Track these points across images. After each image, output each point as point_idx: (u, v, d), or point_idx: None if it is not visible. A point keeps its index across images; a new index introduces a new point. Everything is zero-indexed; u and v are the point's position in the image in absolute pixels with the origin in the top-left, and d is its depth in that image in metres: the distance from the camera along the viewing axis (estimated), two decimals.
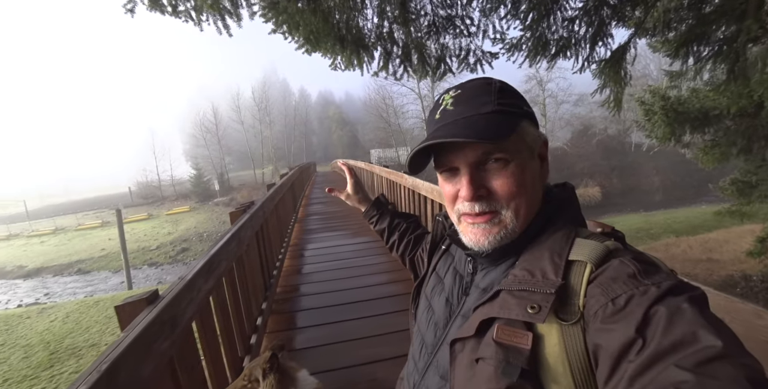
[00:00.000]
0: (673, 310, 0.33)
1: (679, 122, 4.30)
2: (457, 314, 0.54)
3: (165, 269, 17.21)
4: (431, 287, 0.64)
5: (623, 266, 0.40)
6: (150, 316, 0.83)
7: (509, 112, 0.49)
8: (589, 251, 0.43)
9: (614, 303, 0.36)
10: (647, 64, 28.55)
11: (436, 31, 2.64)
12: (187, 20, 2.37)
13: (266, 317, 2.36)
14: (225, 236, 1.70)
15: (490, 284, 0.51)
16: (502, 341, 0.41)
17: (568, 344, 0.38)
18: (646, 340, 0.33)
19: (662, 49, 2.88)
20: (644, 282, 0.37)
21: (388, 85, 31.45)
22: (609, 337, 0.35)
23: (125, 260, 12.59)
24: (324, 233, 4.97)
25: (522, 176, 0.48)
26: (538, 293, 0.41)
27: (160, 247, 20.29)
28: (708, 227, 10.57)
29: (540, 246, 0.47)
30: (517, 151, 0.48)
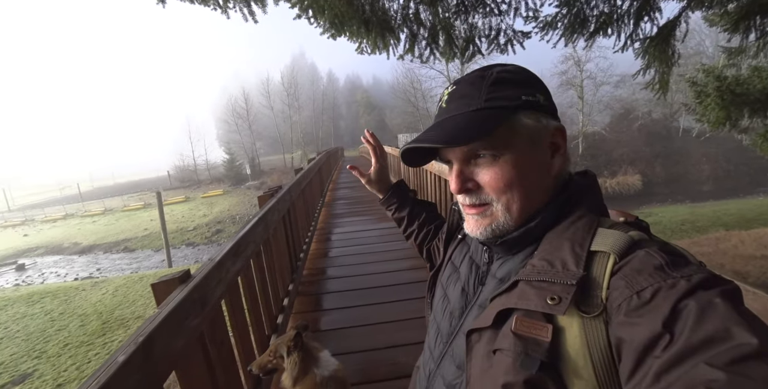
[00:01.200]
0: (704, 304, 0.32)
1: (736, 105, 3.88)
2: (473, 304, 0.53)
3: (201, 249, 18.28)
4: (447, 277, 0.63)
5: (650, 257, 0.38)
6: (182, 294, 0.89)
7: (498, 106, 0.47)
8: (613, 241, 0.41)
9: (639, 296, 0.35)
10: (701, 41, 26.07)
11: (464, 10, 2.50)
12: (215, 8, 2.40)
13: (293, 298, 2.46)
14: (252, 220, 1.77)
15: (507, 275, 0.50)
16: (520, 332, 0.40)
17: (590, 337, 0.37)
18: (674, 335, 0.31)
19: (720, 23, 2.58)
20: (672, 275, 0.35)
21: (416, 69, 30.79)
22: (633, 331, 0.34)
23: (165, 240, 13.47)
24: (350, 218, 5.04)
25: (512, 171, 0.47)
26: (558, 284, 0.40)
27: (197, 228, 21.51)
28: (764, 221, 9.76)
29: (560, 236, 0.45)
30: (507, 145, 0.47)
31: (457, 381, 0.51)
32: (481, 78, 0.49)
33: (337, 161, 14.59)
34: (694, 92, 4.30)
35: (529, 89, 0.48)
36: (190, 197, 30.92)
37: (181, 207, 27.08)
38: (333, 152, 12.21)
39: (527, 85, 0.48)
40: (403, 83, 33.35)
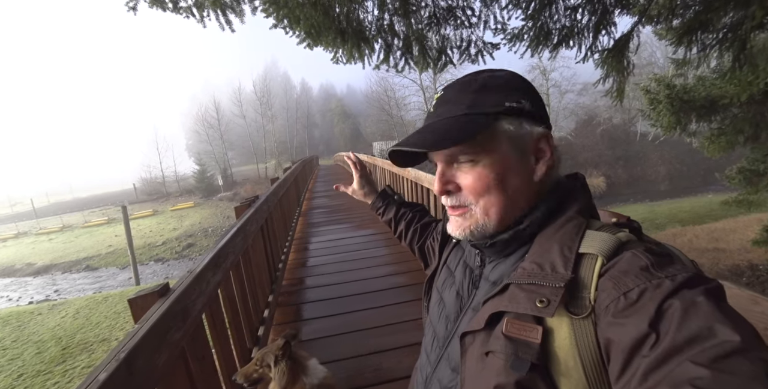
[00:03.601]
0: (688, 304, 0.32)
1: (684, 111, 4.23)
2: (468, 307, 0.54)
3: (171, 264, 17.42)
4: (442, 281, 0.64)
5: (635, 258, 0.39)
6: (163, 308, 0.86)
7: (481, 113, 0.47)
8: (601, 243, 0.42)
9: (626, 297, 0.36)
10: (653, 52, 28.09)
11: (437, 22, 2.61)
12: (188, 16, 2.37)
13: (273, 309, 2.40)
14: (231, 231, 1.73)
15: (500, 278, 0.50)
16: (511, 335, 0.41)
17: (579, 338, 0.38)
18: (659, 335, 0.32)
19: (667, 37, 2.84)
20: (657, 275, 0.36)
21: (389, 77, 31.27)
22: (621, 332, 0.34)
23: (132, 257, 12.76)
24: (328, 226, 4.99)
25: (492, 175, 0.48)
26: (547, 286, 0.40)
27: (166, 243, 20.51)
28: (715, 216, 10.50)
29: (549, 239, 0.46)
30: (488, 150, 0.48)
31: (452, 384, 0.52)
32: (467, 84, 0.50)
33: (312, 170, 14.46)
34: (647, 99, 4.64)
35: (514, 96, 0.48)
36: (158, 210, 29.51)
37: (148, 221, 25.77)
38: (308, 161, 12.10)
39: (513, 91, 0.49)
40: (377, 92, 33.74)
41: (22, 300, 13.79)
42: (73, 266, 18.77)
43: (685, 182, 22.13)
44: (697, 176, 22.18)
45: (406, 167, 0.63)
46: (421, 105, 31.42)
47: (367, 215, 5.43)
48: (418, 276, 2.93)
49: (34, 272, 18.60)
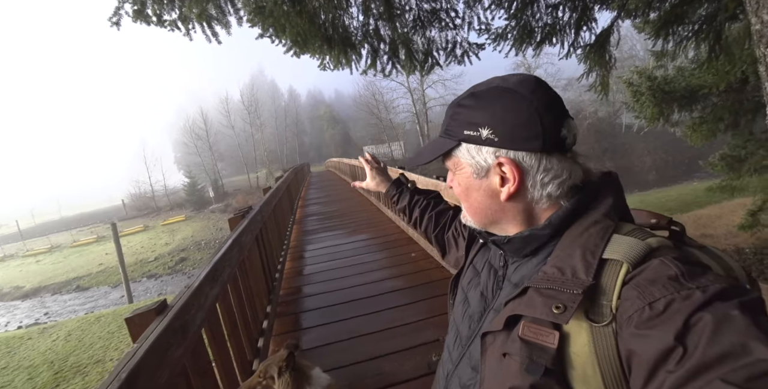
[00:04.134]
0: (720, 317, 0.31)
1: (666, 102, 4.33)
2: (491, 308, 0.54)
3: (164, 280, 17.10)
4: (468, 280, 0.64)
5: (664, 267, 0.37)
6: (162, 324, 0.84)
7: (448, 137, 0.52)
8: (627, 249, 0.40)
9: (651, 308, 0.34)
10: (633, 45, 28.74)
11: (421, 25, 2.64)
12: (173, 29, 2.36)
13: (272, 320, 2.38)
14: (227, 243, 1.71)
15: (522, 280, 0.50)
16: (527, 338, 0.40)
17: (599, 346, 0.37)
18: (687, 349, 0.30)
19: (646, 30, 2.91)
20: (687, 285, 0.34)
21: (377, 81, 31.44)
22: (644, 343, 0.33)
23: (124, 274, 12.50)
24: (322, 234, 4.97)
25: (460, 188, 0.55)
26: (565, 292, 0.39)
27: (158, 258, 20.16)
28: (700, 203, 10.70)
29: (573, 243, 0.45)
30: (455, 168, 0.54)
31: (471, 382, 0.52)
32: (451, 105, 0.53)
33: (304, 177, 14.40)
34: (630, 92, 4.74)
35: (475, 123, 0.48)
36: (149, 225, 29.05)
37: (139, 237, 25.33)
38: (300, 169, 12.05)
39: (476, 117, 0.49)
40: (365, 96, 33.85)
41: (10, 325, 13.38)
42: (62, 287, 18.31)
43: (671, 171, 22.58)
44: (682, 165, 22.64)
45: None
46: (410, 107, 31.63)
47: (361, 221, 5.42)
48: (414, 279, 2.92)
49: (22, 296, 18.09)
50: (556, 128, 0.46)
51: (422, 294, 2.66)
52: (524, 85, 0.47)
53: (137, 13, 2.26)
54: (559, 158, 0.47)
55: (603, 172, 0.52)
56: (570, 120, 0.48)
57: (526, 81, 0.48)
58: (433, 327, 2.16)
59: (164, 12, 2.29)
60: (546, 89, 0.48)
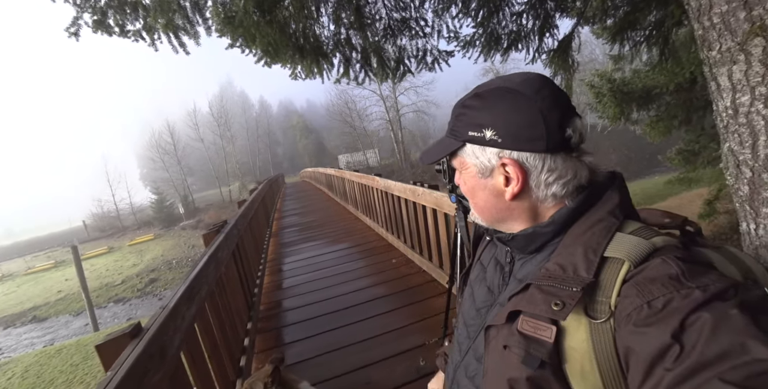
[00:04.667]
0: (719, 317, 0.31)
1: (626, 102, 4.61)
2: (496, 302, 0.56)
3: (134, 304, 16.11)
4: (475, 276, 0.66)
5: (665, 265, 0.37)
6: (137, 350, 0.78)
7: (454, 137, 0.53)
8: (630, 248, 0.41)
9: (650, 306, 0.34)
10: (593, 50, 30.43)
11: (392, 33, 2.68)
12: (137, 40, 2.27)
13: (253, 337, 2.29)
14: (202, 259, 1.63)
15: (526, 276, 0.51)
16: (525, 332, 0.42)
17: (596, 342, 0.37)
18: (684, 347, 0.31)
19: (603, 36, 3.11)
20: (687, 284, 0.34)
21: (349, 90, 31.47)
22: (642, 341, 0.34)
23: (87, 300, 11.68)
24: (301, 245, 4.87)
25: (466, 187, 0.55)
26: (565, 289, 0.40)
27: (126, 281, 19.00)
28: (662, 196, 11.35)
29: (576, 240, 0.45)
30: (461, 167, 0.55)
31: (475, 373, 0.54)
32: (457, 105, 0.53)
33: (279, 189, 14.14)
34: (593, 94, 5.00)
35: (479, 124, 0.49)
36: (114, 246, 27.42)
37: (104, 260, 23.84)
38: (274, 180, 11.82)
39: (480, 118, 0.49)
40: (338, 105, 33.79)
41: None
42: (16, 319, 16.81)
43: (634, 167, 23.92)
44: (643, 161, 24.07)
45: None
46: (383, 115, 31.86)
47: (341, 230, 5.36)
48: (396, 285, 2.91)
49: None
50: (561, 127, 0.46)
51: (405, 299, 2.65)
52: (528, 85, 0.47)
53: (98, 23, 2.15)
54: (564, 158, 0.47)
55: (608, 171, 0.52)
56: (576, 119, 0.47)
57: (530, 81, 0.48)
58: (419, 332, 2.15)
59: (127, 22, 2.19)
60: (551, 88, 0.47)
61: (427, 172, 25.64)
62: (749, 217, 1.36)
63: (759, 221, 1.32)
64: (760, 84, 1.16)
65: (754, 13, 1.11)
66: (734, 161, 1.34)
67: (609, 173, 0.51)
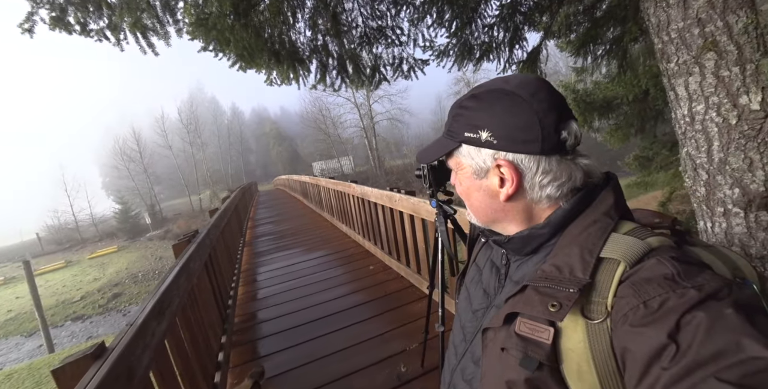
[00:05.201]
0: (714, 316, 0.31)
1: (588, 111, 4.90)
2: (493, 304, 0.56)
3: (95, 321, 15.04)
4: (471, 278, 0.66)
5: (660, 266, 0.37)
6: (102, 372, 0.72)
7: (450, 138, 0.53)
8: (625, 248, 0.41)
9: (646, 306, 0.35)
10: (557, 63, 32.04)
11: (368, 41, 2.71)
12: (101, 40, 2.14)
13: (228, 351, 2.19)
14: (173, 271, 1.55)
15: (522, 277, 0.51)
16: (522, 334, 0.41)
17: (593, 342, 0.38)
18: (680, 347, 0.31)
19: (567, 50, 3.29)
20: (683, 284, 0.35)
21: (323, 97, 31.42)
22: (638, 341, 0.34)
23: (41, 319, 10.79)
24: (276, 254, 4.75)
25: (461, 188, 0.56)
26: (562, 291, 0.40)
27: (86, 297, 17.75)
28: None
29: (572, 241, 0.46)
30: (457, 168, 0.55)
31: (472, 376, 0.53)
32: (454, 106, 0.53)
33: (252, 197, 13.78)
34: None
35: (475, 125, 0.49)
36: (72, 260, 25.61)
37: (60, 275, 22.18)
38: (247, 188, 11.51)
39: (476, 119, 0.49)
40: (312, 112, 33.59)
41: None
42: None
43: None
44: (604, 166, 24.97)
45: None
46: (357, 122, 31.95)
47: (317, 238, 5.28)
48: (377, 291, 2.89)
49: None
50: (557, 130, 0.46)
51: (384, 305, 2.63)
52: (525, 88, 0.47)
53: (56, 20, 2.01)
54: (559, 161, 0.47)
55: (603, 172, 0.52)
56: (572, 122, 0.47)
57: (526, 83, 0.48)
58: (399, 338, 2.14)
59: (90, 20, 2.06)
60: (548, 91, 0.47)
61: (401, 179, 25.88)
62: (706, 216, 1.46)
63: (715, 219, 1.42)
64: (713, 94, 1.26)
65: (707, 29, 1.21)
66: (692, 164, 1.44)
67: (603, 174, 0.52)
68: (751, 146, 1.22)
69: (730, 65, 1.19)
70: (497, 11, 2.67)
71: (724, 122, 1.26)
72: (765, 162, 1.22)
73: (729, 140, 1.27)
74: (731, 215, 1.34)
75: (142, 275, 19.34)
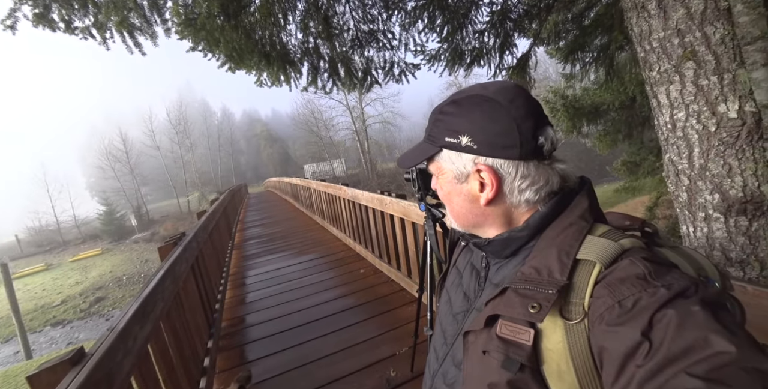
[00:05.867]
0: (683, 313, 0.33)
1: (577, 117, 5.02)
2: (473, 307, 0.56)
3: (75, 326, 14.60)
4: (451, 281, 0.66)
5: (633, 266, 0.39)
6: (79, 378, 0.70)
7: (431, 143, 0.54)
8: (600, 250, 0.42)
9: (621, 305, 0.36)
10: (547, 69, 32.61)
11: (360, 45, 2.72)
12: (86, 38, 2.10)
13: (214, 356, 2.15)
14: (158, 274, 1.52)
15: (502, 280, 0.52)
16: (504, 336, 0.42)
17: (572, 342, 0.39)
18: (653, 344, 0.32)
19: (556, 56, 3.37)
20: (654, 284, 0.36)
21: (315, 99, 31.36)
22: (614, 339, 0.35)
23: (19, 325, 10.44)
24: (265, 257, 4.69)
25: (443, 192, 0.56)
26: (541, 292, 0.41)
27: (67, 301, 17.24)
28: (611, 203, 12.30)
29: (549, 243, 0.47)
30: (438, 172, 0.55)
31: (454, 380, 0.53)
32: (435, 111, 0.54)
33: (242, 199, 13.62)
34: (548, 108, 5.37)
35: (455, 130, 0.50)
36: (53, 263, 24.88)
37: (40, 278, 21.52)
38: (236, 190, 11.37)
39: (456, 124, 0.50)
40: (304, 114, 33.48)
41: None
42: None
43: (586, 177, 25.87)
44: (593, 171, 25.97)
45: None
46: (349, 125, 31.94)
47: (307, 240, 5.24)
48: (365, 295, 2.88)
49: None
50: (534, 136, 0.47)
51: (375, 309, 2.61)
52: (503, 94, 0.48)
53: (39, 16, 1.97)
54: (536, 165, 0.49)
55: (578, 177, 0.54)
56: (548, 128, 0.49)
57: (505, 89, 0.49)
58: (389, 342, 2.13)
59: (75, 18, 2.03)
60: (525, 98, 0.48)
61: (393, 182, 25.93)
62: (688, 221, 1.49)
63: (696, 224, 1.45)
64: (693, 102, 1.30)
65: (686, 39, 1.25)
66: (674, 170, 1.48)
67: (578, 178, 0.53)
68: (730, 153, 1.26)
69: (709, 74, 1.23)
70: (488, 17, 2.72)
71: (704, 129, 1.30)
72: (743, 169, 1.26)
73: (709, 147, 1.31)
74: (712, 219, 1.38)
75: (126, 279, 18.89)
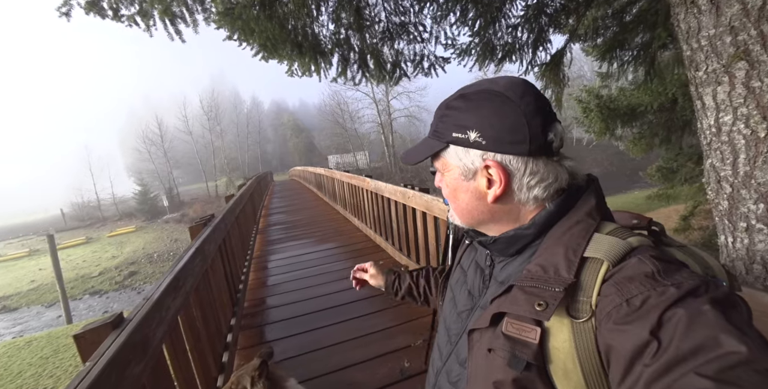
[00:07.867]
0: (693, 312, 0.32)
1: (611, 118, 4.77)
2: (478, 305, 0.56)
3: (111, 296, 15.66)
4: (456, 280, 0.66)
5: (641, 264, 0.38)
6: (120, 340, 0.77)
7: (437, 139, 0.53)
8: (608, 248, 0.42)
9: (629, 304, 0.35)
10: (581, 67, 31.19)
11: (390, 37, 2.71)
12: (131, 25, 2.22)
13: (236, 333, 2.26)
14: (189, 251, 1.61)
15: (507, 278, 0.51)
16: (510, 334, 0.42)
17: (579, 341, 0.38)
18: (661, 343, 0.32)
19: (592, 54, 3.22)
20: (663, 282, 0.36)
21: (342, 91, 31.49)
22: (622, 338, 0.34)
23: (62, 291, 11.30)
24: (287, 243, 4.83)
25: (448, 189, 0.55)
26: (548, 290, 0.41)
27: (104, 273, 18.46)
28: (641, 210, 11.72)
29: (556, 241, 0.46)
30: (444, 169, 0.54)
31: (458, 378, 0.53)
32: (441, 106, 0.53)
33: (267, 186, 13.99)
34: (581, 108, 5.15)
35: (463, 125, 0.49)
36: (92, 237, 26.61)
37: (81, 250, 23.10)
38: (263, 177, 11.69)
39: (465, 119, 0.49)
40: (330, 105, 33.73)
41: None
42: None
43: (615, 181, 24.57)
44: (624, 176, 24.77)
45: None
46: (375, 118, 31.93)
47: (328, 229, 5.34)
48: None
49: None
50: (543, 132, 0.46)
51: (391, 300, 2.65)
52: (513, 89, 0.47)
53: (91, 4, 2.10)
54: (545, 162, 0.48)
55: (585, 175, 0.52)
56: (557, 124, 0.48)
57: (514, 85, 0.48)
58: (405, 334, 2.16)
59: (122, 6, 2.15)
60: (534, 94, 0.48)
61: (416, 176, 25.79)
62: (727, 231, 1.42)
63: (736, 234, 1.38)
64: (742, 105, 1.22)
65: (739, 38, 1.17)
66: (716, 176, 1.40)
67: (586, 176, 0.52)
68: None
69: (762, 76, 1.16)
70: (522, 12, 2.63)
71: (752, 134, 1.22)
72: None
73: (756, 154, 1.23)
74: (754, 231, 1.30)
75: (157, 256, 19.96)
